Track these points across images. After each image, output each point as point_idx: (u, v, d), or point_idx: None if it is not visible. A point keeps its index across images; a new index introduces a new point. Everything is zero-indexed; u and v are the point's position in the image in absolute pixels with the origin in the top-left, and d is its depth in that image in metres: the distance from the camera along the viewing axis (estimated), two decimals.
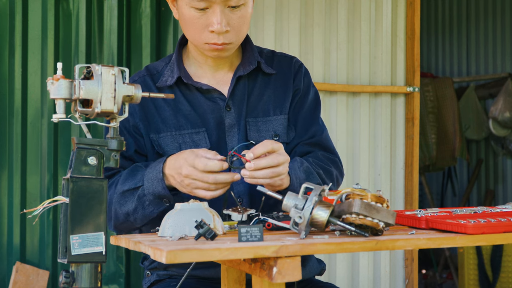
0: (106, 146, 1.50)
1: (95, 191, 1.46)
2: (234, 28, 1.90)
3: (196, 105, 2.01)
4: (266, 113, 2.04)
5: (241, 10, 1.89)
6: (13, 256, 2.80)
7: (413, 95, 3.59)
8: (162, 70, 2.06)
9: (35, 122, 2.83)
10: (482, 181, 6.59)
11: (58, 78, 1.47)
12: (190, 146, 1.97)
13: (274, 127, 2.03)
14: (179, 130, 1.99)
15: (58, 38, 2.86)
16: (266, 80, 2.08)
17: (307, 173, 1.94)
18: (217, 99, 2.01)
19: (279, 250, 1.37)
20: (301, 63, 2.15)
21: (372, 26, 3.54)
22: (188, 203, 1.66)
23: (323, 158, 2.06)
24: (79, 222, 1.44)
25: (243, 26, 1.92)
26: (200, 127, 1.99)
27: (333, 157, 2.11)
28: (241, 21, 1.90)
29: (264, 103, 2.05)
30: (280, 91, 2.07)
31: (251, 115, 2.02)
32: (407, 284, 3.58)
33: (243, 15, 1.90)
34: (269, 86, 2.06)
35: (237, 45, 1.96)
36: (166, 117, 2.00)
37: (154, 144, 2.01)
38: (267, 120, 2.03)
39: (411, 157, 3.60)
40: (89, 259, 1.44)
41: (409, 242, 1.51)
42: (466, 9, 6.75)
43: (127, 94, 1.52)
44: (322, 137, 2.10)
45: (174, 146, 1.98)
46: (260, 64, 2.05)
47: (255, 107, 2.04)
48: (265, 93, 2.06)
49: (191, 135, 1.99)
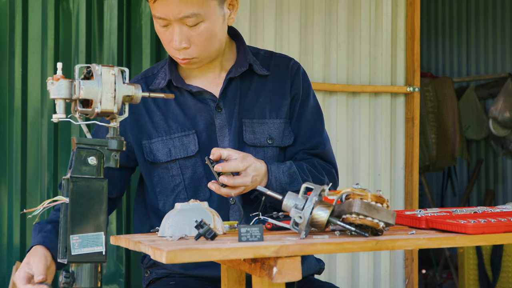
0: (106, 146, 1.50)
1: (95, 191, 1.46)
2: (195, 44, 1.91)
3: (186, 107, 2.02)
4: (262, 115, 2.04)
5: (200, 27, 1.89)
6: (13, 256, 2.80)
7: (413, 95, 3.59)
8: (158, 72, 2.09)
9: (35, 122, 2.83)
10: (482, 181, 6.59)
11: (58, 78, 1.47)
12: (179, 149, 1.99)
13: (269, 130, 2.03)
14: (169, 134, 2.00)
15: (58, 38, 2.86)
16: (262, 81, 2.07)
17: (292, 178, 1.95)
18: (208, 101, 2.02)
19: (279, 250, 1.37)
20: (299, 65, 2.14)
21: (372, 26, 3.54)
22: (188, 203, 1.66)
23: (318, 166, 2.06)
24: (79, 222, 1.44)
25: (207, 42, 1.92)
26: (189, 129, 2.00)
27: (330, 168, 2.11)
28: (202, 38, 1.90)
29: (260, 104, 2.05)
30: (276, 93, 2.07)
31: (247, 116, 2.03)
32: (407, 284, 3.58)
33: (203, 32, 1.90)
34: (265, 88, 2.06)
35: (206, 58, 1.96)
36: (157, 122, 2.02)
37: (145, 151, 2.02)
38: (263, 123, 2.04)
39: (411, 157, 3.60)
40: (89, 259, 1.44)
41: (409, 242, 1.52)
42: (466, 9, 6.75)
43: (127, 94, 1.52)
44: (324, 151, 2.11)
45: (164, 151, 2.00)
46: (252, 66, 2.05)
47: (250, 108, 2.04)
48: (261, 95, 2.06)
49: (180, 138, 2.00)
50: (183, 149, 1.99)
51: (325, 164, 2.09)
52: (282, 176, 1.93)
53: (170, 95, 1.69)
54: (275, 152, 2.04)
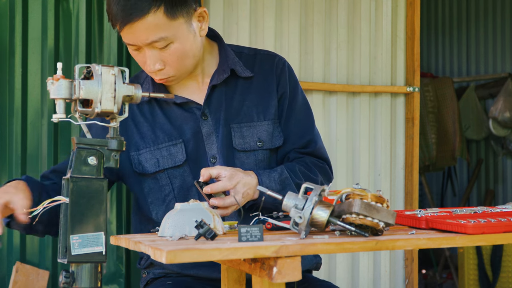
0: (106, 146, 1.50)
1: (95, 191, 1.46)
2: (169, 64, 1.90)
3: (173, 117, 2.01)
4: (249, 118, 2.03)
5: (171, 48, 1.88)
6: (13, 256, 2.80)
7: (413, 95, 3.59)
8: (143, 82, 2.07)
9: (35, 122, 2.82)
10: (482, 181, 6.59)
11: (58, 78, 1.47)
12: (167, 159, 1.98)
13: (258, 133, 2.02)
14: (157, 144, 1.99)
15: (58, 38, 2.86)
16: (247, 83, 2.05)
17: (284, 184, 1.95)
18: (194, 109, 2.01)
19: (279, 250, 1.37)
20: (284, 61, 2.11)
21: (372, 26, 3.54)
22: (188, 203, 1.66)
23: (311, 165, 2.06)
24: (79, 222, 1.44)
25: (181, 60, 1.91)
26: (177, 138, 1.99)
27: (322, 164, 2.10)
28: (174, 57, 1.89)
29: (247, 108, 2.03)
30: (263, 94, 2.05)
31: (234, 121, 2.01)
32: (407, 284, 3.58)
33: (174, 52, 1.88)
34: (251, 90, 2.04)
35: (183, 74, 1.95)
36: (145, 133, 2.01)
37: (134, 162, 2.01)
38: (251, 126, 2.02)
39: (411, 157, 3.60)
40: (89, 259, 1.44)
41: (409, 242, 1.52)
42: (466, 9, 6.75)
43: (127, 94, 1.52)
44: (316, 149, 2.10)
45: (152, 162, 1.99)
46: (235, 69, 2.03)
47: (237, 113, 2.02)
48: (247, 98, 2.04)
49: (168, 148, 1.99)
50: (171, 159, 1.98)
51: (317, 161, 2.08)
52: (274, 185, 1.93)
53: (170, 95, 1.69)
54: (265, 155, 2.03)
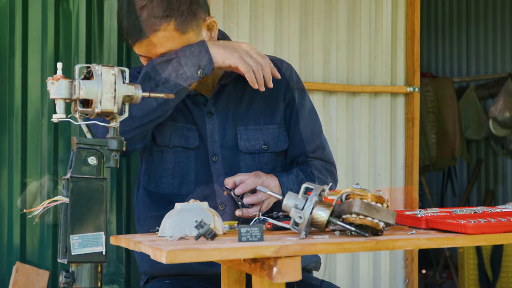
0: (106, 146, 1.50)
1: (95, 191, 1.46)
2: None
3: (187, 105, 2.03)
4: (256, 121, 2.04)
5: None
6: (13, 256, 2.80)
7: (413, 95, 3.59)
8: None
9: (35, 122, 2.82)
10: (482, 181, 6.59)
11: (58, 78, 1.47)
12: (180, 138, 1.99)
13: (264, 137, 2.03)
14: (172, 120, 2.00)
15: (58, 38, 2.86)
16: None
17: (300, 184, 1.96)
18: (201, 105, 2.02)
19: (279, 250, 1.37)
20: (291, 68, 2.14)
21: (372, 26, 3.54)
22: (188, 203, 1.66)
23: (321, 168, 2.09)
24: (79, 222, 1.44)
25: None
26: (191, 123, 2.01)
27: (330, 168, 2.14)
28: None
29: (254, 111, 2.05)
30: (270, 98, 2.06)
31: (242, 123, 2.03)
32: (407, 284, 3.58)
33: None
34: (259, 93, 2.05)
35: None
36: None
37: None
38: (258, 129, 2.04)
39: (411, 157, 3.60)
40: (89, 259, 1.44)
41: (409, 242, 1.52)
42: (466, 9, 6.75)
43: (127, 94, 1.52)
44: (325, 154, 2.14)
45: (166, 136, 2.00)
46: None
47: (245, 115, 2.04)
48: (254, 101, 2.06)
49: (182, 128, 2.00)
50: (184, 140, 2.00)
51: (327, 165, 2.11)
52: (293, 186, 1.96)
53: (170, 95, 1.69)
54: (270, 158, 2.05)
